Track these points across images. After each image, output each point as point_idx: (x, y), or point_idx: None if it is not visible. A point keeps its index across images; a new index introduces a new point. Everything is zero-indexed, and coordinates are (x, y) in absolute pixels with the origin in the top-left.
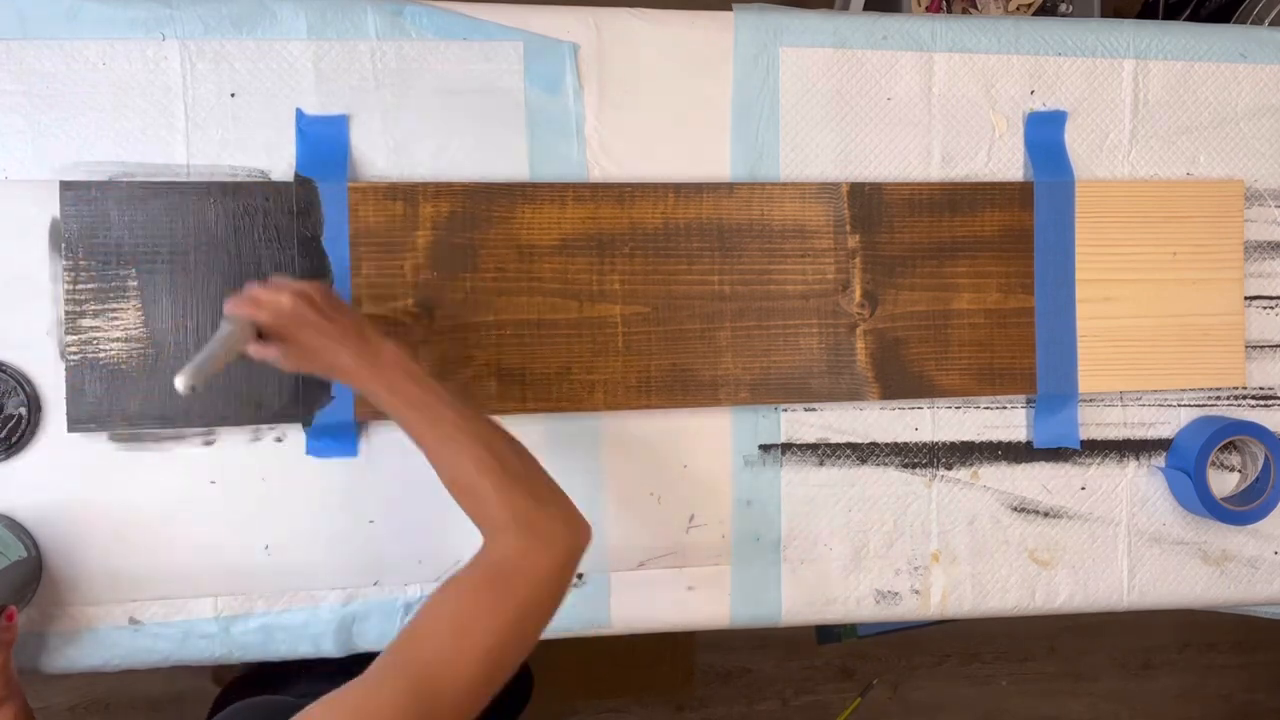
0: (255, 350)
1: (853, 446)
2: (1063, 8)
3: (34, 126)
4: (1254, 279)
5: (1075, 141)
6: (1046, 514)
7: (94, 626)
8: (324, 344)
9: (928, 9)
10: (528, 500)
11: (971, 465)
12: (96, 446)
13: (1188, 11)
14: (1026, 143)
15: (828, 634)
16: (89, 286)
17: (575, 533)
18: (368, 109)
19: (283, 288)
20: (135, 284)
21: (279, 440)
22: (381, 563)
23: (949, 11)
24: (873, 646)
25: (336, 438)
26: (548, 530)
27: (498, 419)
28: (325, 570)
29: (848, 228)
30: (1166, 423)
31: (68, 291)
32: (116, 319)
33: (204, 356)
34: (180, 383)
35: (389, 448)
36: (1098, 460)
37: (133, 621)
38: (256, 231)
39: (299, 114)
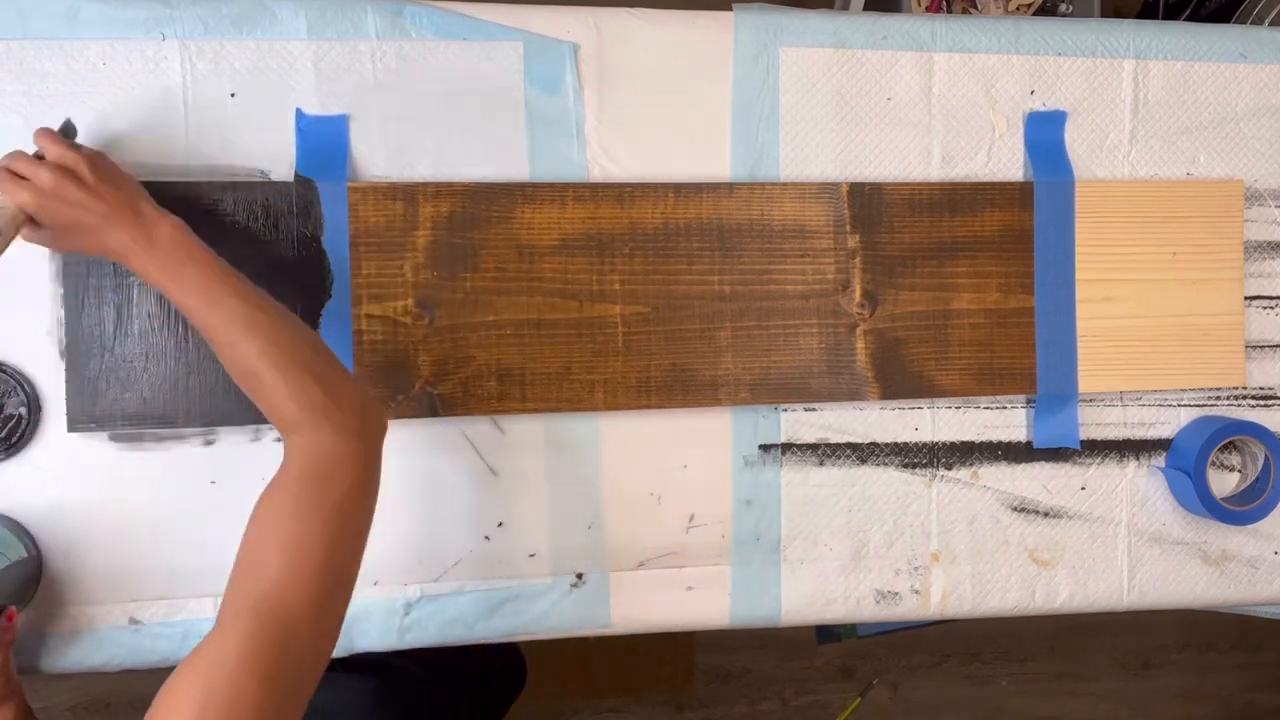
0: (26, 234)
1: (853, 446)
2: (1063, 8)
3: (34, 126)
4: (1254, 279)
5: (1075, 141)
6: (1046, 514)
7: (94, 626)
8: (90, 222)
9: (928, 9)
10: (319, 391)
11: (971, 465)
12: (96, 446)
13: (1188, 11)
14: (1026, 143)
15: (828, 634)
16: (89, 286)
17: (370, 419)
18: (368, 109)
19: (43, 161)
20: (135, 284)
21: (279, 440)
22: (381, 563)
23: (949, 11)
24: (873, 646)
25: None
26: (344, 420)
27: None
28: None
29: (848, 228)
30: (1166, 423)
31: (67, 291)
32: (116, 319)
33: None
34: None
35: (389, 448)
36: (1098, 460)
37: (133, 621)
38: (256, 231)
39: (299, 114)
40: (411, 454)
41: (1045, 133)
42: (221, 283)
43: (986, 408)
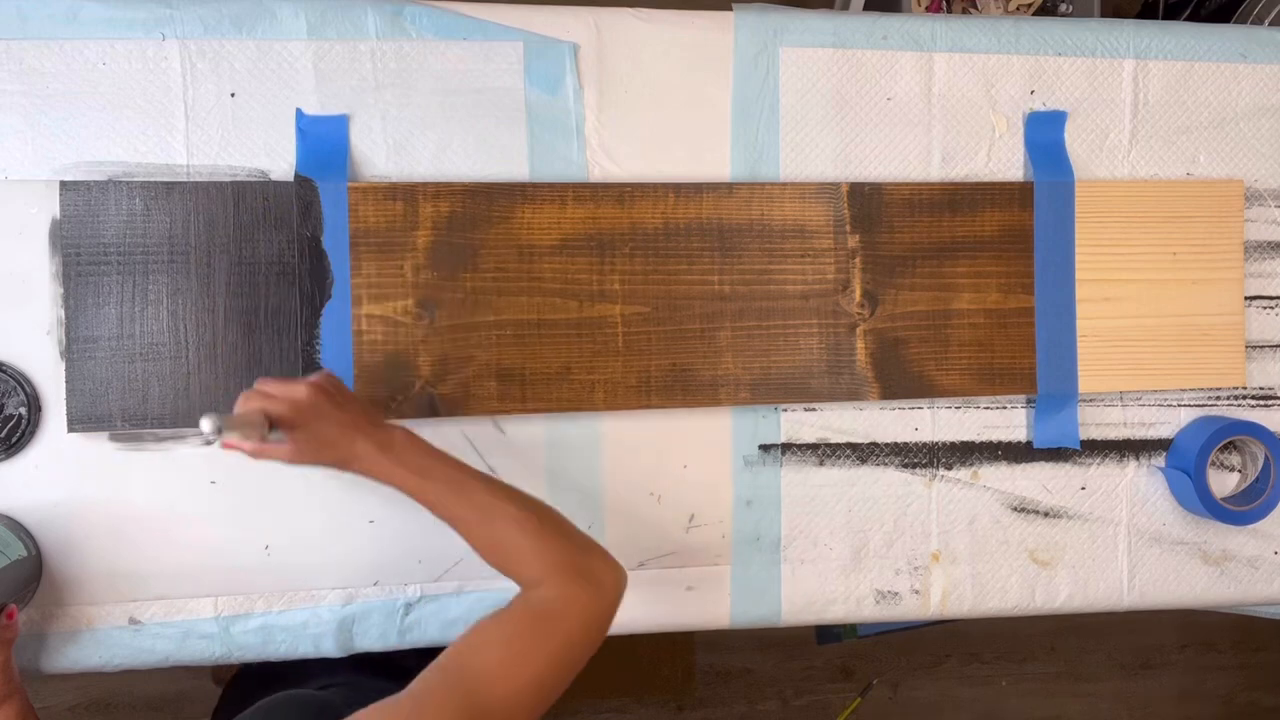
0: (258, 450)
1: (853, 446)
2: (1063, 8)
3: (34, 126)
4: (1254, 279)
5: (1075, 141)
6: (1046, 514)
7: (94, 626)
8: (340, 434)
9: (928, 9)
10: (572, 548)
11: (971, 465)
12: (96, 446)
13: (1188, 11)
14: (1026, 143)
15: (828, 634)
16: (89, 286)
17: (618, 576)
18: (368, 109)
19: (298, 381)
20: (135, 284)
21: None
22: (381, 563)
23: (949, 11)
24: (873, 646)
25: None
26: (596, 573)
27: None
28: (325, 570)
29: (848, 228)
30: (1166, 423)
31: (67, 291)
32: (116, 319)
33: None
34: (207, 424)
35: None
36: (1098, 460)
37: (133, 621)
38: (257, 232)
39: (299, 114)
40: None
41: (1045, 133)
42: (461, 470)
43: (986, 408)
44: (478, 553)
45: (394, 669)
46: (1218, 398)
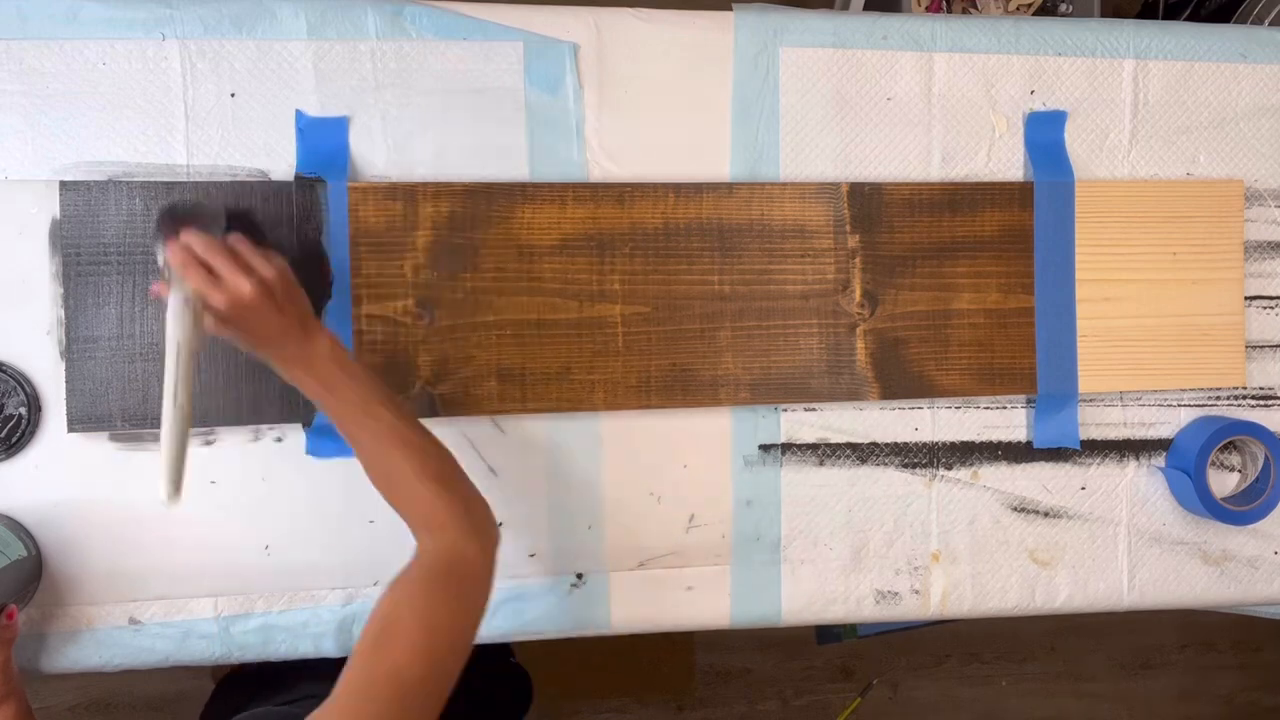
0: (212, 328)
1: (853, 446)
2: (1063, 8)
3: (34, 126)
4: (1254, 279)
5: (1075, 141)
6: (1046, 514)
7: (94, 626)
8: (267, 334)
9: (928, 9)
10: (464, 501)
11: (971, 465)
12: (96, 446)
13: (1188, 11)
14: (1026, 143)
15: (828, 634)
16: (89, 286)
17: (494, 532)
18: (368, 109)
19: (247, 270)
20: (135, 284)
21: (279, 440)
22: (381, 563)
23: (949, 11)
24: (873, 646)
25: (336, 438)
26: (478, 529)
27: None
28: (325, 570)
29: (848, 228)
30: (1166, 423)
31: (67, 291)
32: (116, 319)
33: (173, 437)
34: (163, 492)
35: None
36: (1098, 460)
37: (133, 621)
38: (256, 232)
39: (299, 115)
40: None
41: (1045, 133)
42: (375, 395)
43: (986, 408)
44: (376, 486)
45: None
46: (1218, 398)
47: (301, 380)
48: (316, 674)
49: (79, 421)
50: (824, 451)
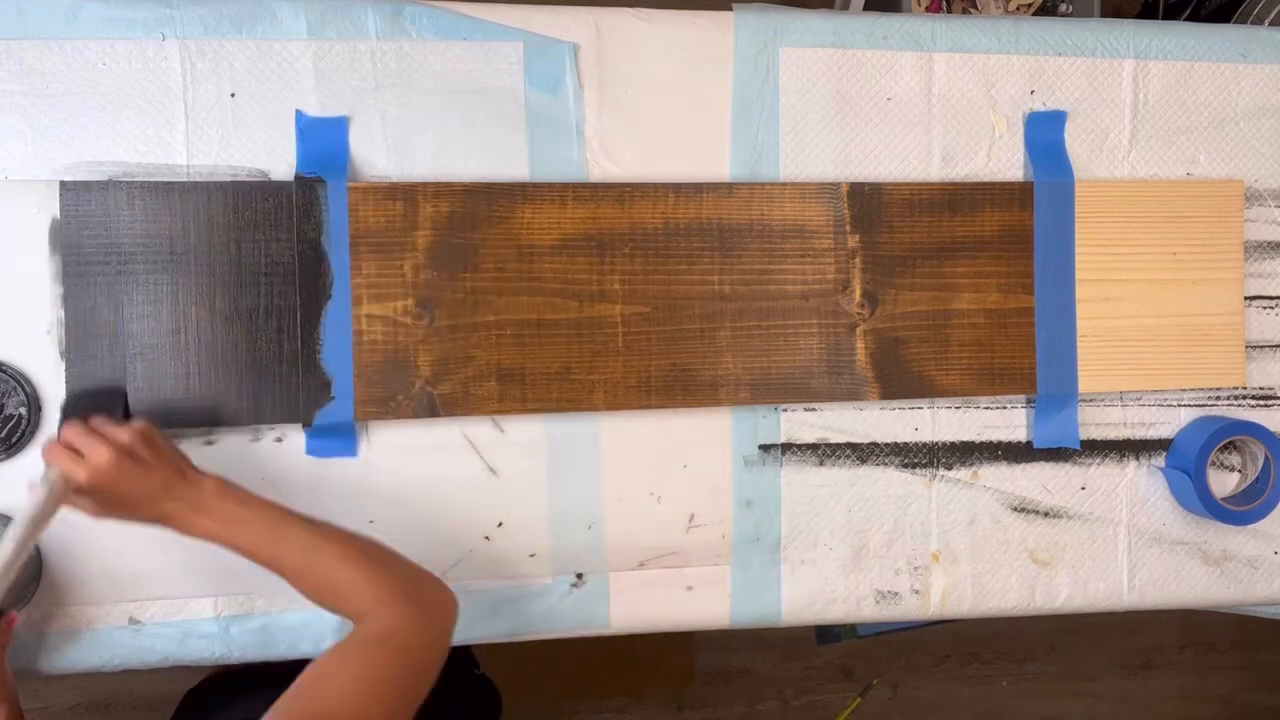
0: (69, 502)
1: (853, 446)
2: (1063, 8)
3: (34, 126)
4: (1254, 279)
5: (1075, 141)
6: (1046, 514)
7: (94, 626)
8: (142, 497)
9: (928, 9)
10: (399, 576)
11: (971, 465)
12: None
13: (1188, 11)
14: (1026, 143)
15: (828, 634)
16: (89, 286)
17: (448, 598)
18: (368, 109)
19: (103, 439)
20: (135, 284)
21: (279, 440)
22: None
23: (949, 11)
24: (873, 646)
25: (336, 438)
26: (426, 597)
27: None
28: None
29: (848, 228)
30: (1166, 423)
31: (67, 291)
32: (116, 319)
33: (5, 562)
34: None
35: (389, 448)
36: (1098, 460)
37: (133, 621)
38: (257, 232)
39: (299, 115)
40: (411, 454)
41: (1045, 133)
42: (273, 513)
43: (986, 408)
44: (307, 596)
45: None
46: (1218, 398)
47: (205, 528)
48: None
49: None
50: (824, 451)
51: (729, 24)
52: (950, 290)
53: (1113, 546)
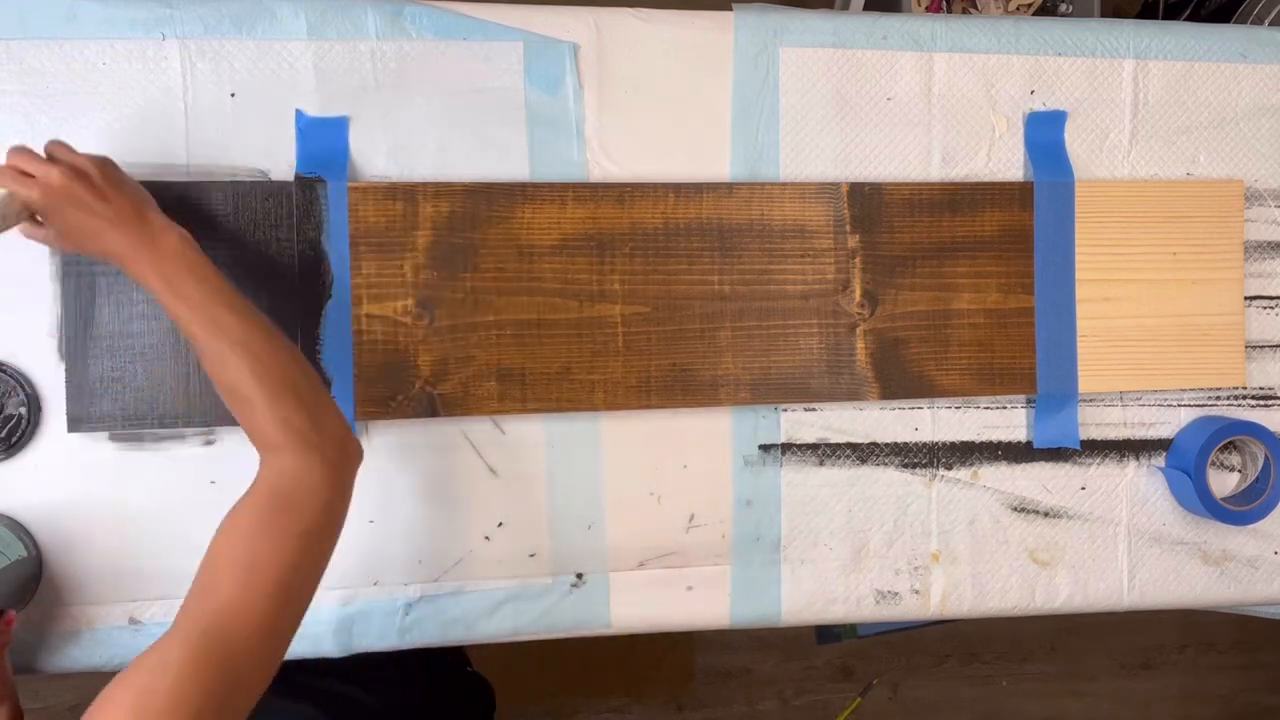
0: (26, 231)
1: (853, 446)
2: (1063, 8)
3: (34, 126)
4: (1254, 279)
5: (1075, 141)
6: (1046, 514)
7: (94, 626)
8: (96, 225)
9: (928, 9)
10: (303, 416)
11: (971, 465)
12: (96, 446)
13: (1188, 11)
14: (1026, 143)
15: (828, 634)
16: (89, 286)
17: (349, 450)
18: (368, 109)
19: (55, 161)
20: (135, 284)
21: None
22: (381, 563)
23: (949, 11)
24: (873, 646)
25: None
26: (323, 447)
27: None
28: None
29: (848, 228)
30: (1166, 423)
31: (67, 291)
32: (116, 319)
33: None
34: None
35: (389, 448)
36: (1098, 460)
37: (133, 621)
38: (256, 232)
39: (298, 115)
40: (411, 454)
41: (1045, 133)
42: (218, 297)
43: (986, 408)
44: (219, 394)
45: (332, 698)
46: (1218, 398)
47: (147, 279)
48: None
49: (79, 421)
50: (824, 451)
51: (729, 24)
52: (950, 290)
53: (1113, 546)
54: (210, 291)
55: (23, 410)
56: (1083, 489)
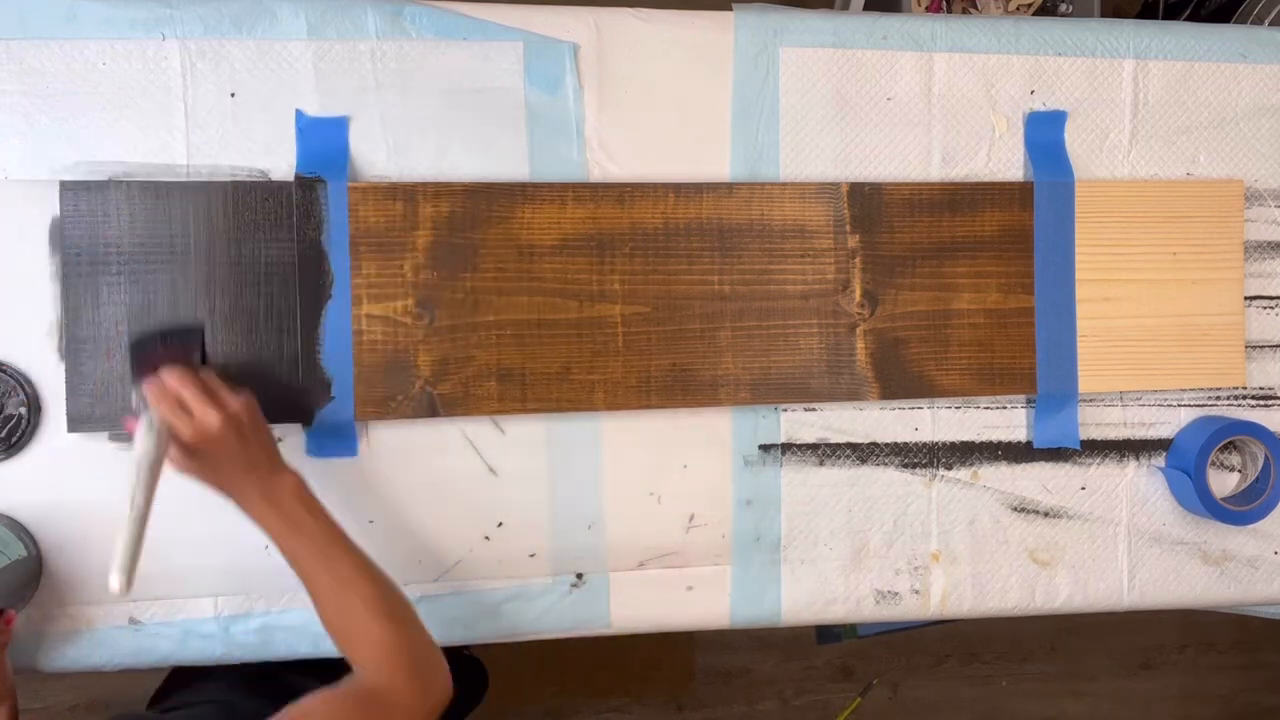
0: (179, 464)
1: (853, 446)
2: (1063, 8)
3: (34, 126)
4: (1254, 279)
5: (1075, 141)
6: (1046, 514)
7: (94, 626)
8: (230, 468)
9: (928, 9)
10: (415, 646)
11: (971, 465)
12: (96, 446)
13: (1188, 11)
14: (1026, 143)
15: (828, 634)
16: (89, 286)
17: (446, 688)
18: (368, 109)
19: (215, 405)
20: (135, 284)
21: (279, 440)
22: (382, 563)
23: (949, 11)
24: (873, 646)
25: (336, 438)
26: (427, 674)
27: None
28: None
29: (848, 228)
30: (1166, 423)
31: (67, 291)
32: (116, 319)
33: (129, 537)
34: (114, 582)
35: (389, 448)
36: (1098, 460)
37: (133, 621)
38: (257, 232)
39: (299, 115)
40: (411, 454)
41: (1045, 133)
42: (333, 534)
43: (986, 408)
44: (323, 622)
45: (280, 689)
46: (1218, 398)
47: (265, 516)
48: (232, 681)
49: (79, 421)
50: (824, 451)
51: (729, 24)
52: (950, 290)
53: (1113, 546)
54: (326, 527)
55: (23, 410)
56: (1083, 489)
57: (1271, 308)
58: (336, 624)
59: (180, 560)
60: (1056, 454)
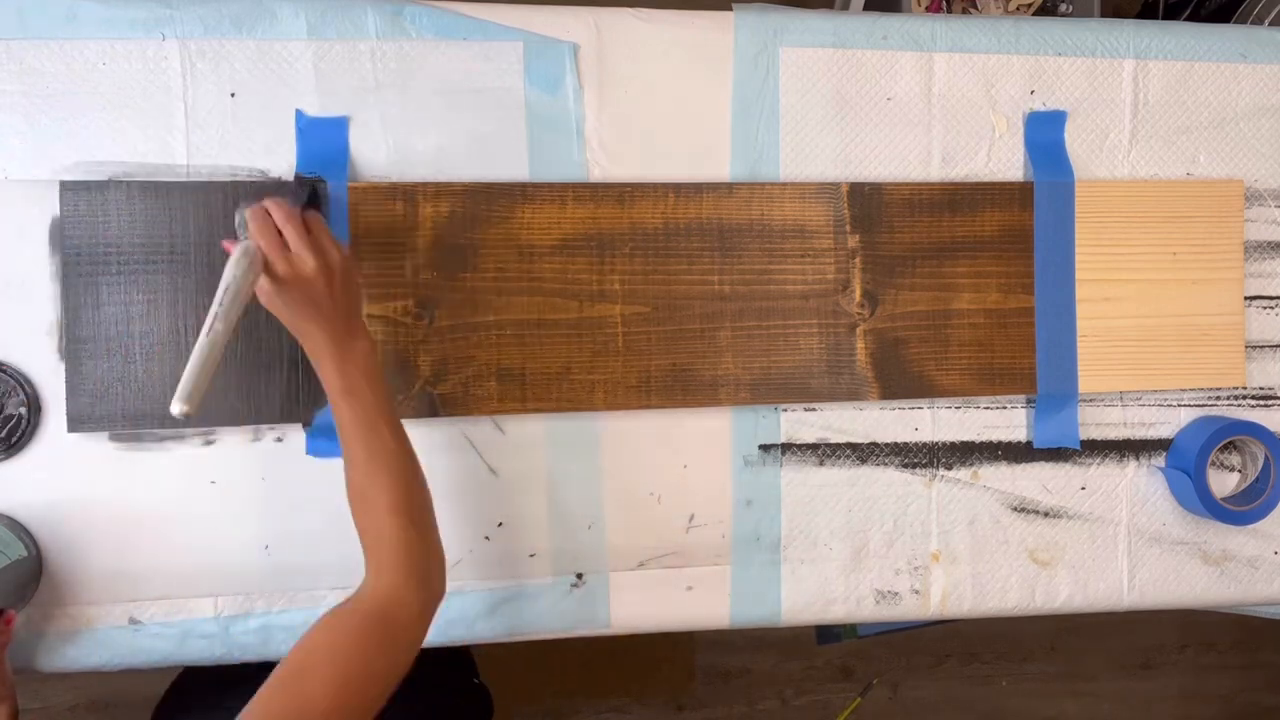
0: (264, 296)
1: (853, 446)
2: (1063, 8)
3: (34, 126)
4: (1254, 279)
5: (1075, 141)
6: (1046, 514)
7: (94, 626)
8: (312, 313)
9: (928, 9)
10: (425, 549)
11: (971, 465)
12: (96, 446)
13: (1188, 11)
14: (1026, 143)
15: (828, 634)
16: (89, 286)
17: (444, 582)
18: (368, 109)
19: (313, 249)
20: (135, 284)
21: (279, 440)
22: None
23: (949, 11)
24: (873, 646)
25: (336, 438)
26: (430, 583)
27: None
28: (325, 570)
29: (848, 228)
30: (1166, 423)
31: (67, 291)
32: (116, 319)
33: (200, 361)
34: (176, 408)
35: None
36: (1098, 460)
37: (133, 621)
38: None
39: (299, 115)
40: None
41: (1045, 133)
42: (383, 409)
43: (986, 408)
44: (347, 493)
45: None
46: (1218, 398)
47: (327, 374)
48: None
49: (79, 421)
50: (824, 451)
51: (729, 24)
52: (950, 290)
53: (1113, 546)
54: (379, 402)
55: (23, 410)
56: (1083, 489)
57: (1271, 308)
58: (356, 504)
59: (180, 560)
60: (1056, 454)
